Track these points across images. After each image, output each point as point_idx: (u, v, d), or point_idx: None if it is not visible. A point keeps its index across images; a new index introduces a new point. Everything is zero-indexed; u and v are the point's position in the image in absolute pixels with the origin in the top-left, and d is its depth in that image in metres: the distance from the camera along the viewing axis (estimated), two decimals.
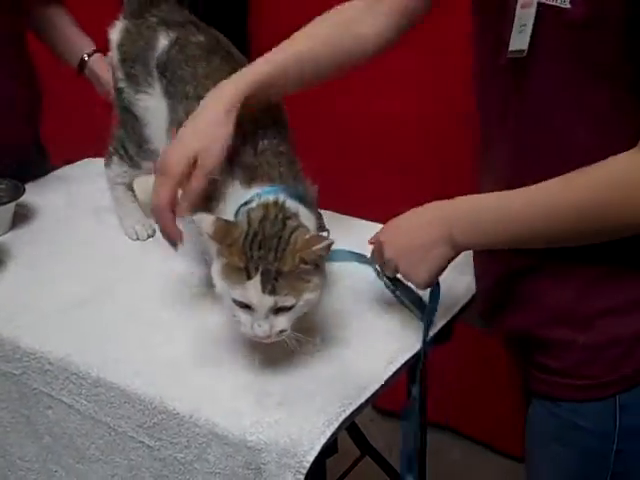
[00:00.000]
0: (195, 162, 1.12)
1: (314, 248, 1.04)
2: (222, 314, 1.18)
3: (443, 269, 1.10)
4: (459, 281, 1.28)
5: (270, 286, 1.03)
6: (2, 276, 1.36)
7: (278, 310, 1.04)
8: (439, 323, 1.22)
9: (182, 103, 1.27)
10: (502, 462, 2.22)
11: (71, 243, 1.46)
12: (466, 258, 1.20)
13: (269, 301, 1.03)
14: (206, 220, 1.06)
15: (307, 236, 1.06)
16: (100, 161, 1.78)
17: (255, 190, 1.13)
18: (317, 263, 1.06)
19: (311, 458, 1.00)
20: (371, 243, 1.17)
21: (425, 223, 1.08)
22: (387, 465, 1.45)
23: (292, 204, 1.10)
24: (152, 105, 1.34)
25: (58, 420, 1.19)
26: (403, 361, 1.16)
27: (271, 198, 1.10)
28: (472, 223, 1.04)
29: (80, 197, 1.63)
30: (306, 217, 1.12)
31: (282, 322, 1.05)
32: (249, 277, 1.03)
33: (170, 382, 1.10)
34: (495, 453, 2.27)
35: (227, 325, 1.16)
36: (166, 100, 1.32)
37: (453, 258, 1.09)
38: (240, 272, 1.04)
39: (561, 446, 1.10)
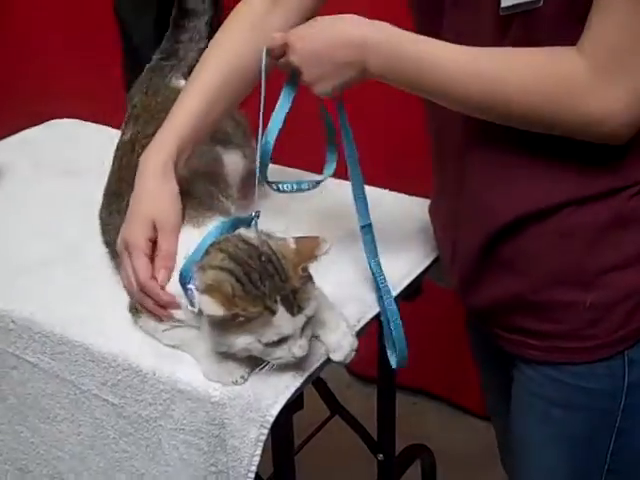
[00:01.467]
0: (155, 228, 1.08)
1: (315, 254, 1.00)
2: None
3: (348, 88, 1.04)
4: (424, 239, 1.28)
5: (295, 307, 0.97)
6: None
7: (305, 323, 1.00)
8: (404, 282, 1.22)
9: None
10: (474, 423, 2.23)
11: (37, 203, 1.45)
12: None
13: (301, 320, 0.98)
14: (211, 304, 0.94)
15: (294, 245, 1.01)
16: (68, 122, 1.77)
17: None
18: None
19: (275, 412, 0.99)
20: (279, 43, 1.04)
21: (341, 43, 1.00)
22: (358, 425, 1.45)
23: (250, 231, 1.05)
24: None
25: (23, 380, 1.18)
26: (365, 321, 1.15)
27: (238, 232, 1.04)
28: (390, 60, 0.99)
29: (47, 158, 1.61)
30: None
31: (309, 329, 1.01)
32: (274, 313, 0.96)
33: (133, 340, 1.09)
34: (468, 414, 2.28)
35: None
36: None
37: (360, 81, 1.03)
38: (261, 315, 0.96)
39: (564, 411, 1.08)
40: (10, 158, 1.59)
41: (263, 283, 0.96)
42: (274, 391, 1.01)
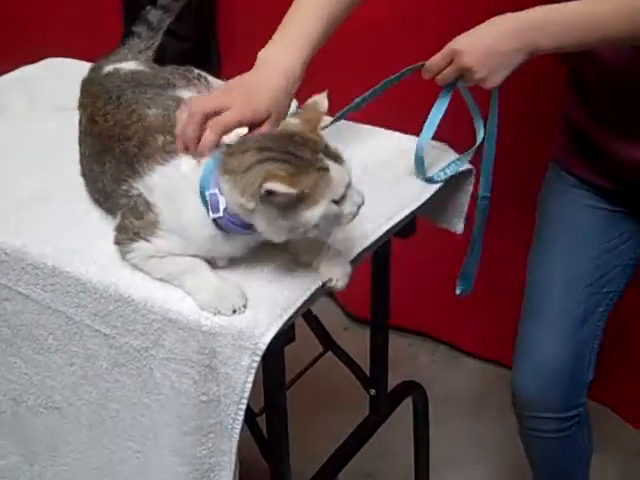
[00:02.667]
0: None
1: (317, 119, 1.03)
2: None
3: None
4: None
5: (338, 157, 1.00)
6: None
7: None
8: (396, 217, 1.21)
9: None
10: (468, 363, 2.24)
11: (32, 140, 1.43)
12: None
13: (347, 167, 1.00)
14: (280, 188, 0.94)
15: (295, 121, 1.04)
16: (64, 61, 1.75)
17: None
18: None
19: (267, 340, 1.00)
20: (444, 55, 1.17)
21: (505, 33, 1.14)
22: (351, 361, 1.47)
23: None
24: None
25: (16, 312, 1.19)
26: (361, 249, 1.15)
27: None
28: (555, 33, 1.13)
29: (42, 96, 1.59)
30: None
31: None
32: (327, 169, 0.98)
33: (125, 270, 1.09)
34: (462, 354, 2.29)
35: None
36: None
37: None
38: (320, 178, 0.97)
39: None
40: (6, 95, 1.58)
41: (301, 153, 0.98)
42: (266, 320, 1.01)
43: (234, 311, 1.01)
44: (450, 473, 1.96)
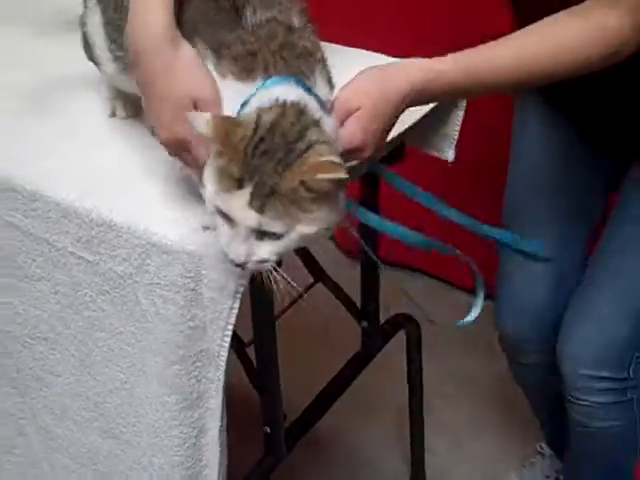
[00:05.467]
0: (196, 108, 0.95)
1: (320, 176, 0.87)
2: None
3: None
4: None
5: (259, 202, 0.87)
6: None
7: (263, 235, 0.90)
8: None
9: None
10: (460, 296, 2.23)
11: (8, 58, 1.39)
12: None
13: (252, 219, 0.88)
14: (200, 118, 0.88)
15: (323, 158, 0.88)
16: None
17: (257, 83, 0.93)
18: (326, 192, 0.89)
19: None
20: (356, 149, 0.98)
21: (396, 110, 0.99)
22: (342, 293, 1.45)
23: (314, 107, 0.92)
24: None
25: None
26: None
27: (291, 98, 0.91)
28: (445, 94, 1.03)
29: (22, 17, 1.54)
30: (327, 124, 0.93)
31: (264, 250, 0.90)
32: (240, 187, 0.88)
33: (106, 194, 1.07)
34: (454, 288, 2.29)
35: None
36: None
37: None
38: (232, 180, 0.88)
39: None
40: None
41: (261, 158, 0.89)
42: None
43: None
44: (442, 410, 1.96)
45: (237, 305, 1.00)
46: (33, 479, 1.37)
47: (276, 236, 0.90)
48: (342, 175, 0.87)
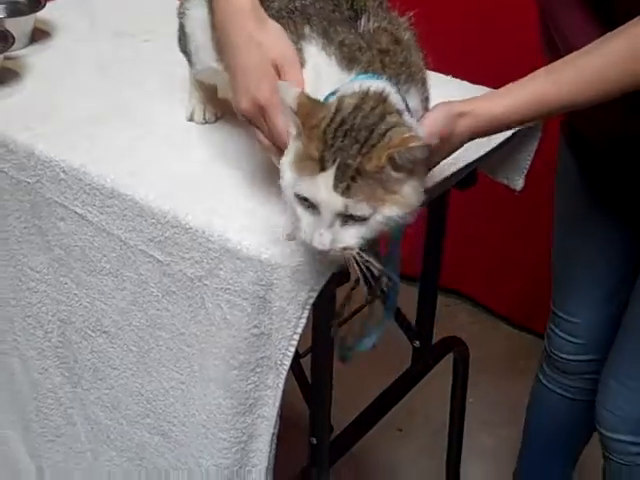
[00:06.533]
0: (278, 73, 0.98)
1: (410, 145, 0.85)
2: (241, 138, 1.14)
3: None
4: None
5: (345, 184, 0.85)
6: (18, 88, 1.33)
7: (348, 219, 0.88)
8: (455, 166, 1.17)
9: None
10: (504, 329, 2.23)
11: (90, 62, 1.42)
12: None
13: (338, 203, 0.86)
14: (291, 92, 0.89)
15: (407, 134, 0.87)
16: None
17: (353, 75, 0.95)
18: (411, 169, 0.88)
19: (324, 279, 0.99)
20: None
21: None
22: (397, 312, 1.43)
23: (399, 101, 0.92)
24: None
25: (70, 232, 1.19)
26: None
27: (374, 87, 0.91)
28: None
29: (101, 20, 1.58)
30: (408, 121, 0.92)
31: (349, 236, 0.88)
32: (323, 169, 0.86)
33: (184, 197, 1.08)
34: (499, 320, 2.28)
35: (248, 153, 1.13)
36: None
37: None
38: (313, 162, 0.87)
39: None
40: (66, 16, 1.56)
41: (343, 139, 0.89)
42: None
43: None
44: (482, 436, 1.95)
45: (306, 316, 1.01)
46: (75, 467, 1.38)
47: (361, 220, 0.88)
48: (427, 145, 0.87)
